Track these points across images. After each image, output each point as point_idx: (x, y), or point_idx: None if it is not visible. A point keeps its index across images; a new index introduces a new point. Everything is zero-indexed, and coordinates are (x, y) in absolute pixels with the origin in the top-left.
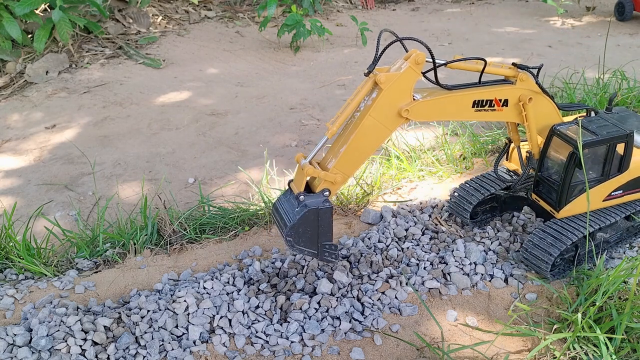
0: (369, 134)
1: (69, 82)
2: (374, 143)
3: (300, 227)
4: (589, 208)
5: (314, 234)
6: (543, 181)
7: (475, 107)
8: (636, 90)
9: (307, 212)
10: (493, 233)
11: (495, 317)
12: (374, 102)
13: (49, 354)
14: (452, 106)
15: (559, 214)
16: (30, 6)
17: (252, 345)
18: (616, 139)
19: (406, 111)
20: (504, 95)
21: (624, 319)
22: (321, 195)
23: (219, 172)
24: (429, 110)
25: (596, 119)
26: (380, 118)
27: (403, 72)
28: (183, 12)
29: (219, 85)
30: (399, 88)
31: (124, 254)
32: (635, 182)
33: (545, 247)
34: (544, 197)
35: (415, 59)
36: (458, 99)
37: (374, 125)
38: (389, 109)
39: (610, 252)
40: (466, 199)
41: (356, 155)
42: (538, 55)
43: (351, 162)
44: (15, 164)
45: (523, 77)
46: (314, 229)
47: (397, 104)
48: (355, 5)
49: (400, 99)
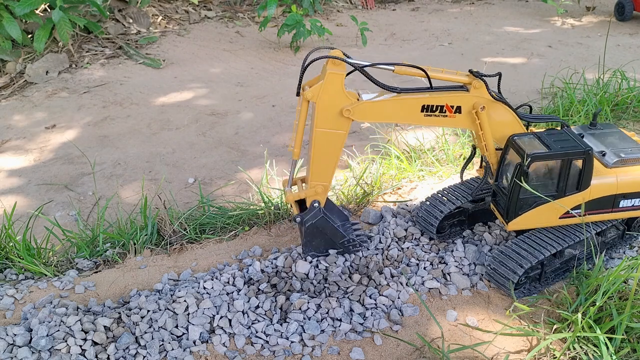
0: (324, 144)
1: (69, 82)
2: (333, 149)
3: (312, 241)
4: (543, 224)
5: (328, 238)
6: (498, 191)
7: (425, 112)
8: (636, 90)
9: (308, 228)
10: (492, 233)
11: (495, 317)
12: (314, 117)
13: (49, 354)
14: (398, 109)
15: (508, 226)
16: (30, 6)
17: (252, 345)
18: (571, 155)
19: (347, 111)
20: (455, 102)
21: (624, 319)
22: (312, 209)
23: (219, 172)
24: (372, 111)
25: (559, 132)
26: (326, 126)
27: (324, 81)
28: (183, 12)
29: (219, 85)
30: (329, 94)
31: (124, 254)
32: (597, 203)
33: (509, 265)
34: (499, 207)
35: (332, 62)
36: (404, 102)
37: (324, 134)
38: (329, 116)
39: (609, 252)
40: (432, 213)
41: (323, 164)
42: (538, 55)
43: (322, 171)
44: (15, 164)
45: (477, 85)
46: (324, 236)
47: (336, 108)
48: (355, 5)
49: (337, 103)
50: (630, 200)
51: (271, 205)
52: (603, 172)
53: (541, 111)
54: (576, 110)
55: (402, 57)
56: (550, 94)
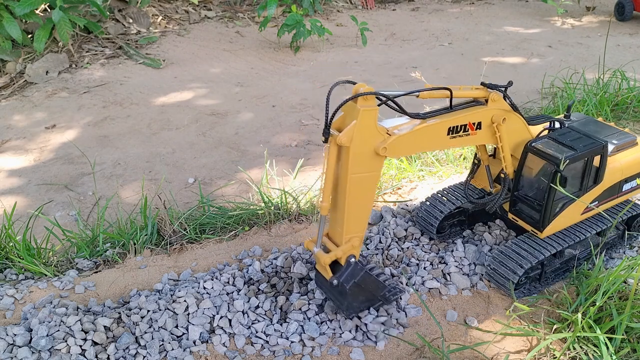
0: (359, 190)
1: (69, 82)
2: (369, 194)
3: (354, 302)
4: (569, 223)
5: (369, 293)
6: (521, 201)
7: (451, 134)
8: (636, 90)
9: (350, 289)
10: (492, 233)
11: (495, 317)
12: (347, 162)
13: (49, 354)
14: (428, 137)
15: (542, 233)
16: (30, 6)
17: (252, 345)
18: (595, 152)
19: (384, 149)
20: (476, 118)
21: (624, 319)
22: (349, 264)
23: (219, 172)
24: (406, 144)
25: (567, 130)
26: (361, 170)
27: (359, 120)
28: (183, 12)
29: (219, 85)
30: (363, 134)
31: (124, 254)
32: (608, 192)
33: (510, 265)
34: (524, 217)
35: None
36: (433, 129)
37: (359, 179)
38: (364, 157)
39: (609, 252)
40: (432, 213)
41: (359, 213)
42: (538, 55)
43: (357, 221)
44: (15, 164)
45: (495, 97)
46: (365, 292)
47: (370, 148)
48: (355, 5)
49: (371, 142)
50: (629, 183)
51: (271, 205)
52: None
53: (541, 111)
54: (576, 110)
55: (402, 57)
56: (550, 94)
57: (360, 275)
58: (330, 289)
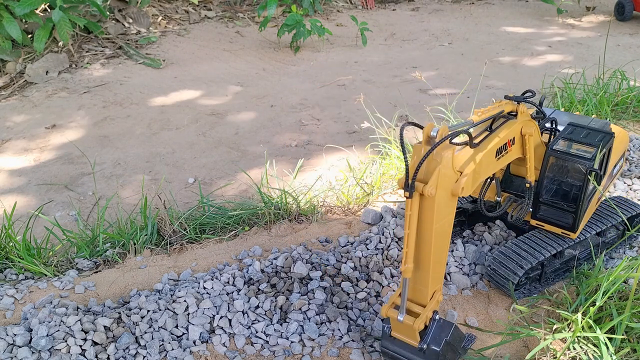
0: (440, 239)
1: (69, 82)
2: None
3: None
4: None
5: (455, 349)
6: (547, 205)
7: (497, 156)
8: (636, 90)
9: (441, 351)
10: (492, 233)
11: (495, 317)
12: (432, 213)
13: (49, 354)
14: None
15: (576, 234)
16: (30, 6)
17: (252, 345)
18: (609, 144)
19: (462, 189)
20: (512, 134)
21: (624, 319)
22: (434, 323)
23: (219, 172)
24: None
25: (573, 127)
26: (443, 216)
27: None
28: (183, 12)
29: (219, 85)
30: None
31: (124, 254)
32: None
33: (510, 266)
34: (553, 221)
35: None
36: (488, 156)
37: (441, 229)
38: (445, 203)
39: (609, 252)
40: None
41: (440, 264)
42: (538, 55)
43: (439, 273)
44: (15, 164)
45: (523, 110)
46: (453, 350)
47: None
48: (355, 5)
49: (448, 185)
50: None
51: (271, 205)
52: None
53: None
54: (576, 110)
55: (402, 57)
56: (550, 94)
57: (451, 333)
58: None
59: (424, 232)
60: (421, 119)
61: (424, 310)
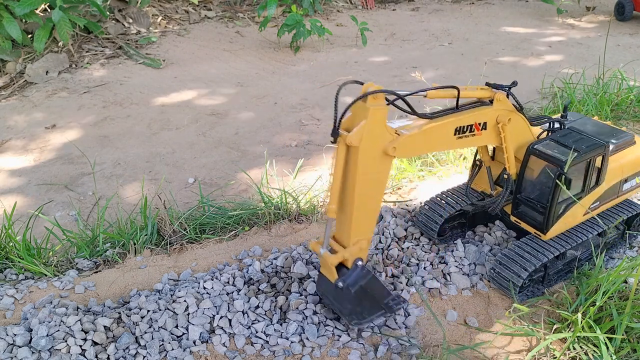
0: (368, 192)
1: (69, 82)
2: (377, 195)
3: (357, 307)
4: (571, 224)
5: (373, 300)
6: (524, 203)
7: (457, 135)
8: (636, 90)
9: (355, 293)
10: (491, 234)
11: (495, 317)
12: (357, 162)
13: (49, 354)
14: (436, 137)
15: (546, 235)
16: (30, 6)
17: (252, 345)
18: (597, 152)
19: (393, 149)
20: (482, 119)
21: (624, 319)
22: (356, 268)
23: (219, 172)
24: (415, 144)
25: (568, 132)
26: (370, 171)
27: (369, 119)
28: (183, 12)
29: (219, 85)
30: (373, 134)
31: (124, 254)
32: (609, 192)
33: (514, 268)
34: (527, 219)
35: (373, 97)
36: (441, 129)
37: (368, 181)
38: (373, 158)
39: (609, 252)
40: (431, 217)
41: (367, 215)
42: (538, 55)
43: (365, 223)
44: (15, 164)
45: (500, 97)
46: (370, 298)
47: (379, 148)
48: (355, 5)
49: (380, 142)
50: (629, 182)
51: (271, 205)
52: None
53: (541, 111)
54: (576, 110)
55: (402, 57)
56: (550, 94)
57: (367, 279)
58: (334, 294)
59: (349, 179)
60: None
61: (343, 250)
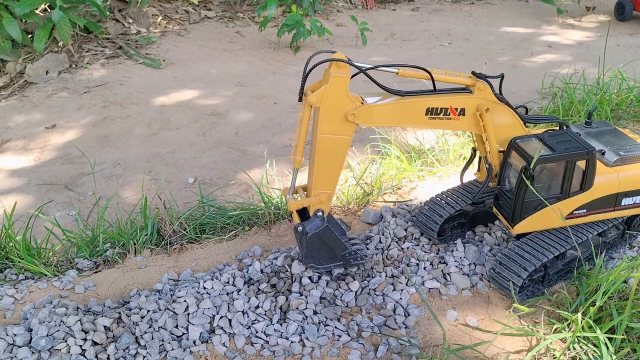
0: (328, 150)
1: (69, 82)
2: (338, 155)
3: (312, 252)
4: (549, 225)
5: (330, 251)
6: (502, 195)
7: (429, 115)
8: (636, 90)
9: (310, 238)
10: (491, 234)
11: (495, 317)
12: (318, 121)
13: (49, 354)
14: (402, 112)
15: (513, 229)
16: (30, 6)
17: (252, 345)
18: (575, 156)
19: (352, 115)
20: (460, 104)
21: (624, 319)
22: (316, 218)
23: (219, 172)
24: (377, 115)
25: (560, 133)
26: (331, 131)
27: (328, 84)
28: (183, 12)
29: (219, 85)
30: (333, 98)
31: (124, 254)
32: (602, 202)
33: (513, 268)
34: (502, 211)
35: (335, 65)
36: (409, 106)
37: (329, 140)
38: (334, 120)
39: (609, 252)
40: (431, 217)
41: (327, 171)
42: (538, 55)
43: (325, 179)
44: (15, 164)
45: (481, 87)
46: (326, 247)
47: (340, 112)
48: (355, 5)
49: (341, 107)
50: (632, 198)
51: (271, 205)
52: (604, 171)
53: (541, 111)
54: (576, 110)
55: (402, 57)
56: (550, 94)
57: (322, 228)
58: (299, 237)
59: (313, 137)
60: None
61: (305, 199)
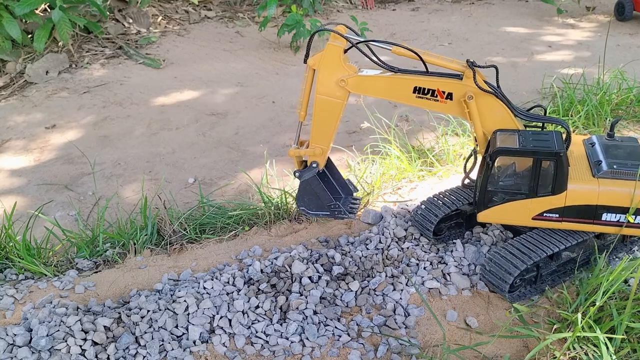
0: (324, 109)
1: (69, 82)
2: (332, 115)
3: (304, 197)
4: (515, 221)
5: (318, 199)
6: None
7: (417, 94)
8: (636, 90)
9: (302, 184)
10: (488, 233)
11: (495, 318)
12: (316, 82)
13: (49, 354)
14: (390, 86)
15: (478, 216)
16: (30, 6)
17: (252, 345)
18: (539, 154)
19: (342, 82)
20: (447, 88)
21: (624, 319)
22: (310, 168)
23: (219, 172)
24: (366, 85)
25: (544, 133)
26: (326, 93)
27: (325, 50)
28: (183, 12)
29: (219, 85)
30: (328, 63)
31: (124, 254)
32: (576, 211)
33: (505, 266)
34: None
35: (333, 36)
36: (398, 81)
37: (324, 100)
38: (328, 83)
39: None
40: (427, 217)
41: (322, 128)
42: (538, 55)
43: (321, 135)
44: (15, 164)
45: (468, 74)
46: (315, 195)
47: (334, 78)
48: (355, 5)
49: (335, 72)
50: (615, 215)
51: (271, 205)
52: (586, 180)
53: (541, 111)
54: (576, 110)
55: (402, 57)
56: (550, 94)
57: (309, 177)
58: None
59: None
60: (421, 118)
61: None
